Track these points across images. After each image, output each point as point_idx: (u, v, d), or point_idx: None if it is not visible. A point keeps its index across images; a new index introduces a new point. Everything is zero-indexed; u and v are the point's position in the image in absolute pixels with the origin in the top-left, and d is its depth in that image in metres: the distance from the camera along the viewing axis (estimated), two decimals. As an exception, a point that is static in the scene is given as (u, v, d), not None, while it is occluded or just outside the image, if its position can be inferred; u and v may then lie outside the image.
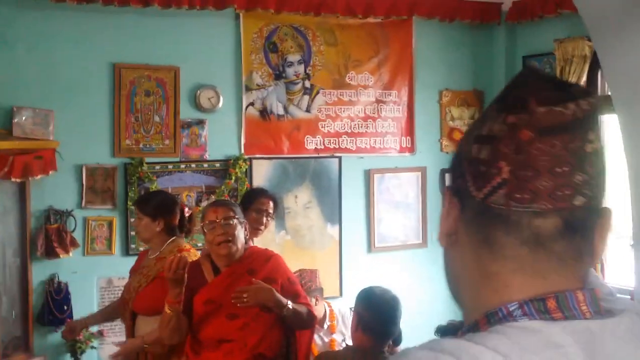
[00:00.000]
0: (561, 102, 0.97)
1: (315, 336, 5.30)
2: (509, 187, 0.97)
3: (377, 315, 3.43)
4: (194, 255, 4.42)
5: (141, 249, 5.89)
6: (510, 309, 0.95)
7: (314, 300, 5.30)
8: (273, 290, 3.64)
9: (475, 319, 0.99)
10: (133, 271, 4.60)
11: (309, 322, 3.89)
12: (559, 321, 0.93)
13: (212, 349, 3.72)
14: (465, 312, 1.05)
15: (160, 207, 4.46)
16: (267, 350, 3.72)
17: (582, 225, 0.98)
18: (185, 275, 3.57)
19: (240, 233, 3.77)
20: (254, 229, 4.71)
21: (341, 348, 5.09)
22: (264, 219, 4.86)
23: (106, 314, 4.91)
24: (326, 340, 5.34)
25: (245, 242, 3.92)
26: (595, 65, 5.83)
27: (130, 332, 4.42)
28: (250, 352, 3.67)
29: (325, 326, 5.38)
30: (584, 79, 6.27)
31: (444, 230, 1.07)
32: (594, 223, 1.00)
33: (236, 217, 3.77)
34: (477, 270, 1.03)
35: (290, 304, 3.67)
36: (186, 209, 4.68)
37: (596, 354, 0.91)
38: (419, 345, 0.94)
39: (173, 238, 4.44)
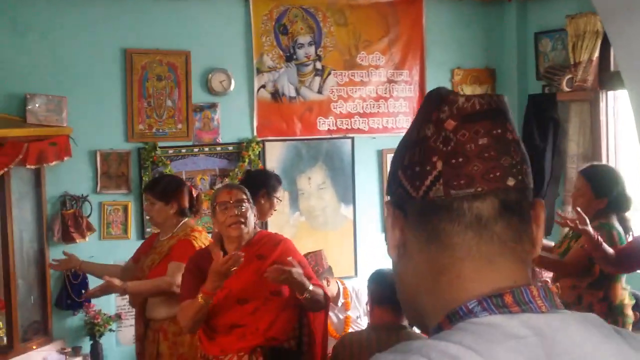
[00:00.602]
0: (476, 95, 1.06)
1: (331, 314, 5.34)
2: (445, 177, 1.03)
3: (389, 286, 3.45)
4: (205, 237, 4.49)
5: (156, 232, 5.95)
6: (470, 307, 0.99)
7: (324, 282, 5.35)
8: (302, 273, 3.63)
9: (437, 322, 1.02)
10: (141, 254, 4.67)
11: (324, 303, 3.89)
12: (518, 315, 0.97)
13: (225, 334, 3.72)
14: (427, 321, 1.07)
15: (171, 190, 4.53)
16: (279, 334, 3.73)
17: (518, 207, 1.05)
18: (232, 270, 3.52)
19: (251, 217, 3.77)
20: (264, 214, 4.73)
21: (360, 328, 5.12)
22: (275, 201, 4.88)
23: (100, 269, 4.85)
24: (341, 317, 5.38)
25: (255, 227, 3.93)
26: (607, 41, 5.79)
27: (142, 311, 4.48)
28: (263, 336, 3.68)
29: (340, 304, 5.42)
30: (596, 54, 6.24)
31: (392, 243, 1.11)
32: (528, 206, 1.07)
33: (248, 200, 3.78)
34: (430, 269, 1.06)
35: (310, 287, 3.66)
36: (193, 190, 4.75)
37: (555, 345, 0.94)
38: (387, 350, 0.97)
39: (185, 220, 4.51)
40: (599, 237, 4.14)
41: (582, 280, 4.49)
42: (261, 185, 4.69)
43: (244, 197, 3.77)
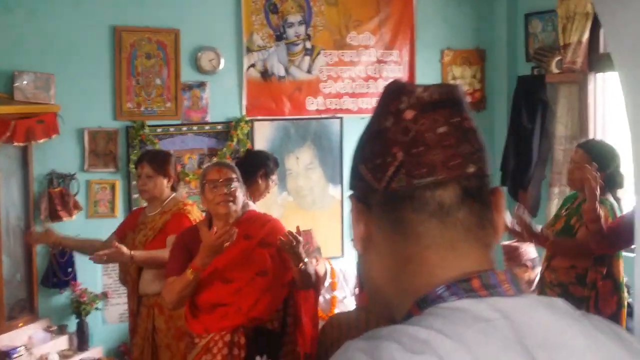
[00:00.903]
0: (433, 85, 1.08)
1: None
2: (406, 167, 1.03)
3: None
4: (197, 211, 4.50)
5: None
6: (438, 292, 1.00)
7: (314, 261, 5.35)
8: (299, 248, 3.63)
9: (406, 310, 1.03)
10: (126, 229, 4.61)
11: (317, 281, 3.89)
12: (485, 298, 0.98)
13: (208, 312, 3.73)
14: (394, 312, 1.08)
15: (171, 164, 4.54)
16: (262, 314, 3.72)
17: (479, 193, 1.06)
18: (225, 245, 3.54)
19: (240, 196, 3.78)
20: (260, 194, 4.70)
21: (346, 309, 5.14)
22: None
23: (81, 243, 4.85)
24: (327, 297, 5.41)
25: (244, 207, 3.92)
26: (597, 23, 5.79)
27: (136, 287, 4.46)
28: (245, 315, 3.68)
29: (327, 284, 5.43)
30: (586, 36, 6.24)
31: (357, 236, 1.12)
32: (487, 193, 1.08)
33: (238, 179, 3.78)
34: (396, 260, 1.07)
35: (306, 260, 3.69)
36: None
37: (523, 328, 0.95)
38: (360, 337, 0.97)
39: (173, 194, 4.53)
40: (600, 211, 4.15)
41: (586, 259, 4.49)
42: (261, 165, 4.68)
43: (234, 175, 3.77)
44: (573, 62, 6.32)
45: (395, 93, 1.09)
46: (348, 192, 1.15)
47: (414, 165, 1.03)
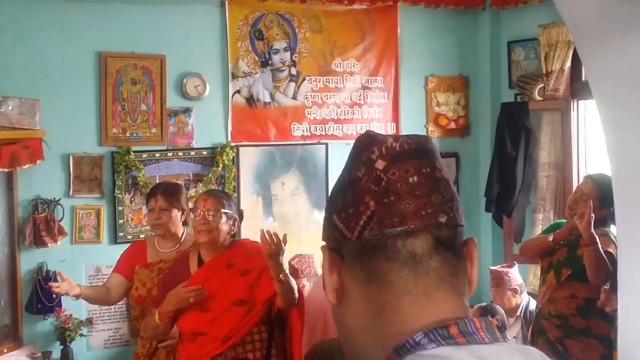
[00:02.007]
0: (404, 135, 1.10)
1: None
2: (378, 216, 1.04)
3: None
4: None
5: (129, 237, 5.93)
6: (417, 339, 1.00)
7: (312, 285, 5.37)
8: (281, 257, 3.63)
9: (385, 358, 1.03)
10: (134, 265, 4.40)
11: (297, 297, 3.81)
12: (464, 346, 0.99)
13: (190, 340, 3.77)
14: (371, 354, 1.08)
15: (183, 196, 4.44)
16: (238, 344, 3.73)
17: (451, 243, 1.07)
18: (191, 300, 3.61)
19: (225, 226, 3.78)
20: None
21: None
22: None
23: (95, 293, 4.61)
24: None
25: (234, 236, 3.93)
26: (579, 51, 5.86)
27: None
28: (221, 343, 3.69)
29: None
30: (568, 64, 6.32)
31: (330, 286, 1.12)
32: (460, 243, 1.09)
33: (223, 210, 3.77)
34: (369, 309, 1.08)
35: (287, 271, 3.68)
36: None
37: None
38: None
39: (186, 228, 4.45)
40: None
41: (582, 288, 4.49)
42: None
43: (219, 206, 3.77)
44: (556, 89, 6.39)
45: (366, 143, 1.10)
46: (322, 243, 1.16)
47: (386, 214, 1.04)
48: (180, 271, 3.86)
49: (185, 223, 4.44)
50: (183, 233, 4.42)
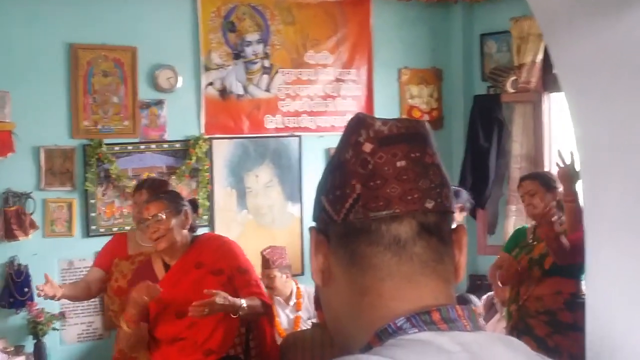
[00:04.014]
0: (394, 119, 1.10)
1: (282, 313, 5.37)
2: (363, 200, 1.04)
3: None
4: None
5: (102, 230, 5.90)
6: (399, 324, 1.00)
7: (284, 276, 5.38)
8: (227, 296, 3.54)
9: (366, 341, 1.03)
10: (113, 258, 4.38)
11: (264, 311, 3.80)
12: (446, 332, 0.99)
13: (169, 345, 3.70)
14: (352, 344, 1.08)
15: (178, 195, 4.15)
16: (215, 346, 3.67)
17: (437, 229, 1.06)
18: (146, 299, 3.49)
19: (176, 225, 3.68)
20: None
21: (307, 327, 5.15)
22: None
23: (76, 291, 4.56)
24: (291, 317, 5.40)
25: (194, 230, 3.86)
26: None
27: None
28: (200, 348, 3.65)
29: (292, 303, 5.45)
30: (539, 56, 6.37)
31: (315, 267, 1.12)
32: (448, 230, 1.09)
33: (167, 209, 3.67)
34: (352, 292, 1.08)
35: (244, 304, 3.59)
36: None
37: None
38: None
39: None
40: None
41: (567, 284, 4.55)
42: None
43: (160, 207, 3.67)
44: (528, 82, 6.44)
45: (355, 126, 1.10)
46: (310, 219, 1.16)
47: (371, 198, 1.04)
48: (145, 278, 3.70)
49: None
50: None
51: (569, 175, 4.39)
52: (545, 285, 4.59)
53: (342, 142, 1.12)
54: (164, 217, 3.64)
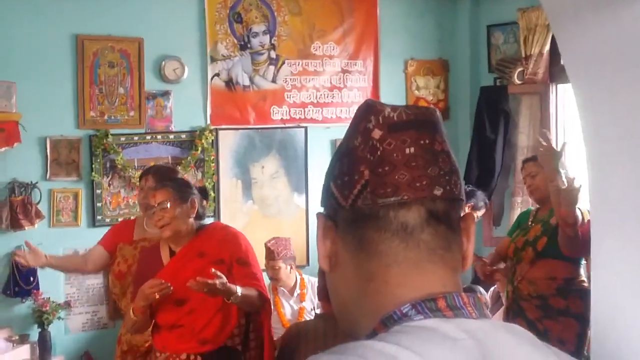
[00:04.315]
0: (403, 106, 1.08)
1: (285, 303, 5.38)
2: (371, 186, 1.04)
3: None
4: None
5: (107, 220, 5.91)
6: (404, 311, 1.00)
7: (288, 268, 5.39)
8: (225, 284, 3.50)
9: (372, 327, 1.03)
10: (118, 241, 4.45)
11: (260, 304, 3.79)
12: (451, 319, 0.99)
13: (168, 330, 3.72)
14: (359, 330, 1.08)
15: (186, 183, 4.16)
16: (211, 336, 3.68)
17: (446, 216, 1.06)
18: (156, 296, 3.53)
19: (181, 213, 3.69)
20: None
21: (310, 317, 5.15)
22: None
23: (65, 262, 4.83)
24: (295, 308, 5.41)
25: (202, 218, 3.87)
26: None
27: None
28: (196, 337, 3.66)
29: (296, 294, 5.46)
30: (547, 48, 6.34)
31: (323, 253, 1.12)
32: (457, 217, 1.08)
33: (173, 198, 3.68)
34: (359, 277, 1.08)
35: (239, 291, 3.56)
36: None
37: (489, 350, 0.96)
38: (325, 351, 0.97)
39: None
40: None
41: (560, 268, 4.55)
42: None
43: (166, 195, 3.68)
44: (534, 73, 6.42)
45: (364, 112, 1.09)
46: (317, 207, 1.15)
47: (379, 184, 1.04)
48: (151, 263, 3.79)
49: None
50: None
51: (550, 155, 4.39)
52: (538, 268, 4.60)
53: (351, 128, 1.11)
54: (168, 205, 3.64)
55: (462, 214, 1.10)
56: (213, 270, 3.47)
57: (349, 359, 0.93)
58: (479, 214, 5.94)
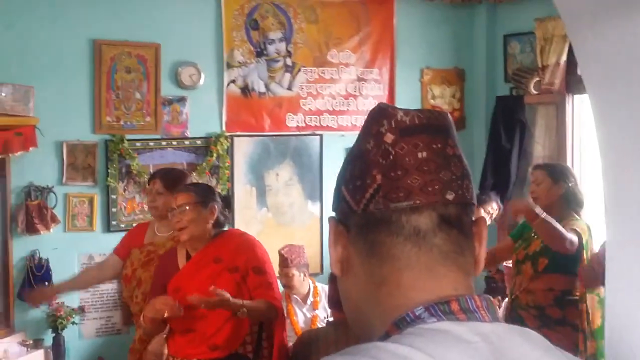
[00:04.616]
0: (415, 110, 1.09)
1: (299, 311, 5.37)
2: (384, 190, 1.04)
3: None
4: None
5: (122, 225, 5.93)
6: (417, 313, 1.00)
7: (302, 275, 5.38)
8: (227, 300, 3.51)
9: (384, 330, 1.02)
10: (131, 246, 4.45)
11: (270, 314, 3.76)
12: (464, 322, 0.98)
13: (182, 334, 3.75)
14: (373, 334, 1.07)
15: (184, 183, 4.27)
16: (221, 342, 3.68)
17: (458, 220, 1.06)
18: (165, 314, 3.56)
19: (200, 217, 3.72)
20: None
21: (323, 325, 5.15)
22: None
23: (78, 283, 4.81)
24: (308, 315, 5.41)
25: (221, 226, 3.88)
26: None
27: None
28: (206, 342, 3.67)
29: (309, 302, 5.45)
30: (563, 58, 6.31)
31: (334, 258, 1.12)
32: (469, 222, 1.08)
33: (193, 202, 3.71)
34: (371, 282, 1.07)
35: (245, 307, 3.55)
36: None
37: (503, 353, 0.96)
38: (338, 353, 0.97)
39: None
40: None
41: (559, 281, 4.56)
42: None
43: (187, 199, 3.72)
44: (551, 83, 6.39)
45: (376, 116, 1.09)
46: (330, 214, 1.15)
47: (392, 188, 1.04)
48: (168, 266, 3.83)
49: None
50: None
51: (522, 205, 4.60)
52: (539, 281, 4.64)
53: (363, 132, 1.11)
54: (187, 208, 3.68)
55: (473, 219, 1.10)
56: (212, 288, 3.47)
57: (362, 359, 0.92)
58: (490, 209, 5.94)
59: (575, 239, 4.38)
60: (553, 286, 4.59)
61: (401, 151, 1.05)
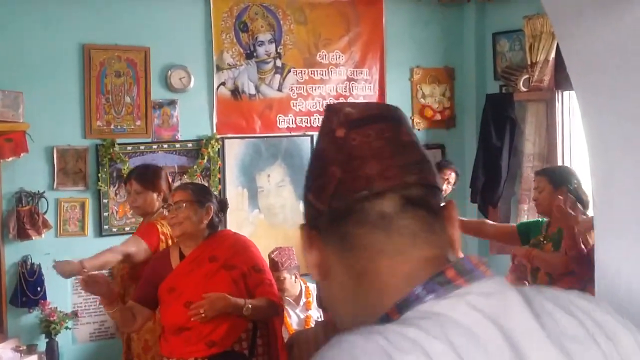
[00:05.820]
0: (362, 103, 1.09)
1: (292, 313, 5.37)
2: (344, 183, 1.05)
3: None
4: (167, 227, 4.27)
5: (114, 230, 5.92)
6: (416, 292, 0.99)
7: (293, 277, 5.38)
8: (226, 297, 3.60)
9: (384, 313, 1.01)
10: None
11: (273, 311, 3.84)
12: (464, 297, 0.97)
13: (175, 335, 3.75)
14: (364, 322, 1.06)
15: (161, 179, 4.50)
16: (218, 339, 3.70)
17: (423, 200, 1.06)
18: (112, 286, 3.69)
19: (195, 216, 3.76)
20: None
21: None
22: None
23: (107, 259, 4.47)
24: (302, 316, 5.41)
25: (215, 228, 3.91)
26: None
27: None
28: (203, 339, 3.68)
29: (301, 303, 5.45)
30: (552, 55, 6.33)
31: (312, 262, 1.12)
32: (436, 203, 1.08)
33: (190, 200, 3.77)
34: (351, 277, 1.08)
35: (249, 304, 3.63)
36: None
37: (504, 329, 0.96)
38: (352, 331, 0.97)
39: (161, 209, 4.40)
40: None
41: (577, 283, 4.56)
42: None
43: (185, 197, 3.79)
44: (540, 80, 6.41)
45: (326, 116, 1.12)
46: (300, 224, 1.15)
47: (351, 180, 1.05)
48: (160, 266, 3.86)
49: (165, 201, 4.36)
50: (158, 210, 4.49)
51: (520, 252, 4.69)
52: (556, 286, 4.59)
53: (319, 134, 1.14)
54: (184, 205, 3.73)
55: (442, 203, 1.11)
56: (204, 295, 3.57)
57: (374, 337, 0.92)
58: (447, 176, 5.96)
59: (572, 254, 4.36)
60: (572, 287, 4.56)
61: (354, 142, 1.06)
